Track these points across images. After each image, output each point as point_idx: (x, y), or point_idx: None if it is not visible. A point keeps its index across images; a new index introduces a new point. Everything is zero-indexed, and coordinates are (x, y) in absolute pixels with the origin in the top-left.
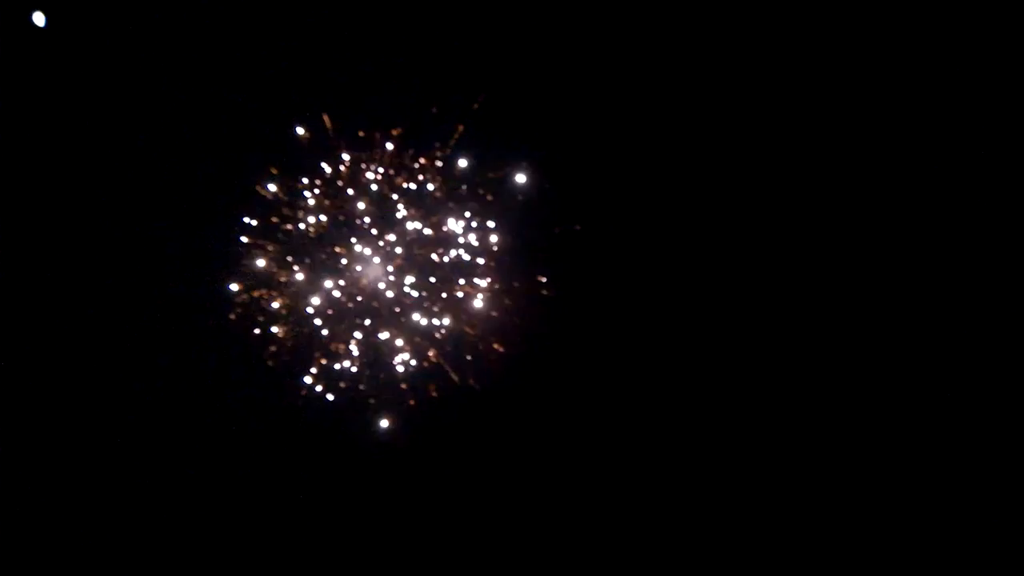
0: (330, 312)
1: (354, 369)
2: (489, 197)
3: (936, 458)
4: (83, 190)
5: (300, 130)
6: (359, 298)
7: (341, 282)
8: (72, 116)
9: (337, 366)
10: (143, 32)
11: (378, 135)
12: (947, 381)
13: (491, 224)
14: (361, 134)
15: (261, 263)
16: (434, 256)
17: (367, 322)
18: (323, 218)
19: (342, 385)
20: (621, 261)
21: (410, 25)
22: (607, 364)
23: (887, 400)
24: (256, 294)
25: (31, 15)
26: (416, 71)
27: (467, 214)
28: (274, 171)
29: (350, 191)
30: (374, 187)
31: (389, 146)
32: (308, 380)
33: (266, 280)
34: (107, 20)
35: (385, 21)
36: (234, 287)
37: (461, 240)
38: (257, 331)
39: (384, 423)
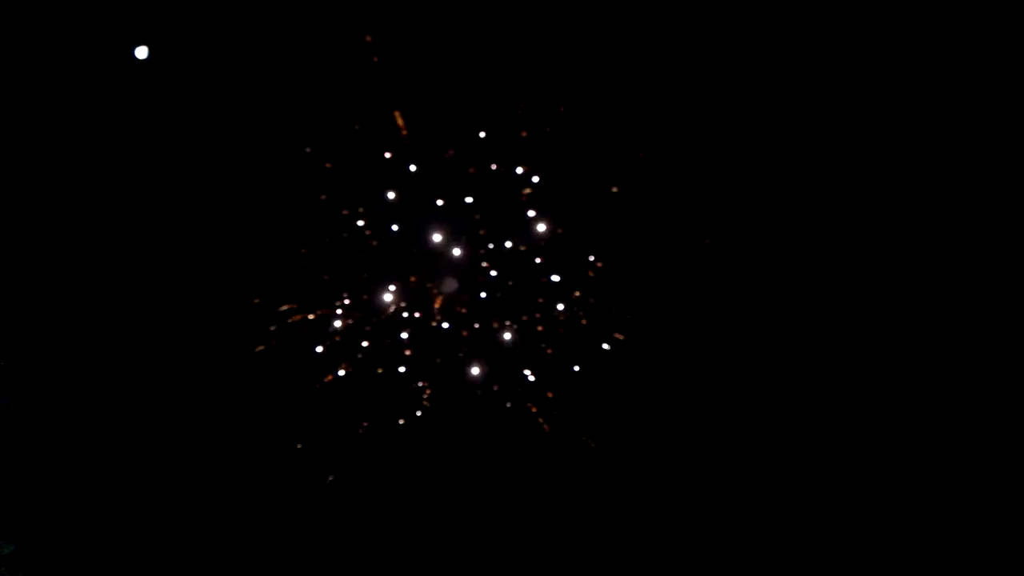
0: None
1: (427, 392)
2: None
3: (936, 458)
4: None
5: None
6: (433, 316)
7: (411, 297)
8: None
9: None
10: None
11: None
12: (947, 381)
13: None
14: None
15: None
16: (514, 268)
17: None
18: (394, 227)
19: (417, 413)
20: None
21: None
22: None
23: (891, 403)
24: (314, 314)
25: (134, 49)
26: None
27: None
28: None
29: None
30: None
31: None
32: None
33: (326, 296)
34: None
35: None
36: (285, 307)
37: (542, 253)
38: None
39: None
